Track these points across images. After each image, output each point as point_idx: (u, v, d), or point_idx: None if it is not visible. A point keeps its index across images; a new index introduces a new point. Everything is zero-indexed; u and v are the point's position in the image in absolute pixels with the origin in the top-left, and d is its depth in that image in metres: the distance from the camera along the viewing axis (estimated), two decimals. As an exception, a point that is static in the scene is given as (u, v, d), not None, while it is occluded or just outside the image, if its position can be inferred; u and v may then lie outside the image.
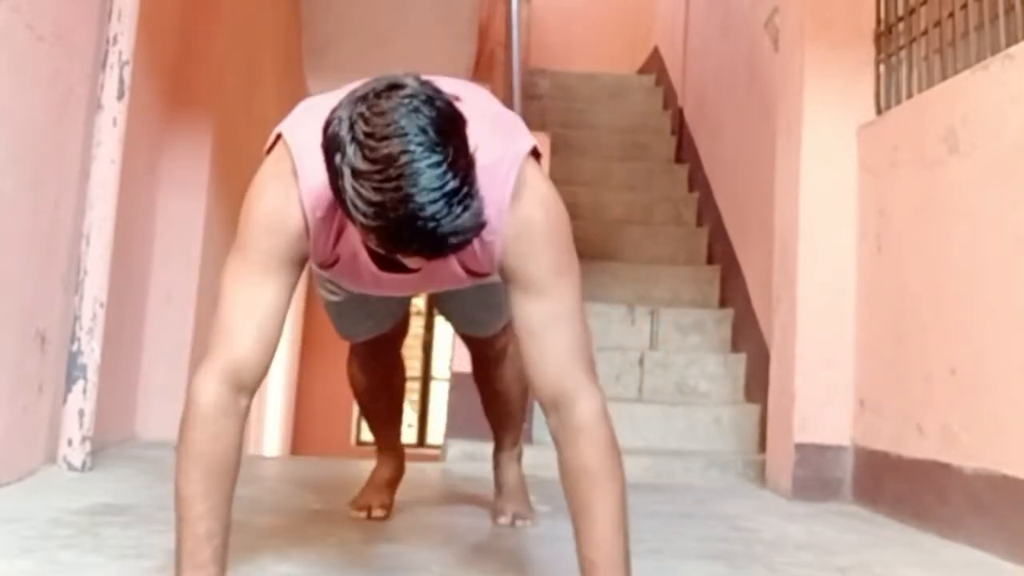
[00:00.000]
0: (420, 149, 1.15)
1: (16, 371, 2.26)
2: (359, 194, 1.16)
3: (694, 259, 4.72)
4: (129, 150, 2.70)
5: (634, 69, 7.10)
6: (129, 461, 2.80)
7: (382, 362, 2.18)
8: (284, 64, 5.84)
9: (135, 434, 3.39)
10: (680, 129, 5.61)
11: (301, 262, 1.45)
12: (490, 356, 2.16)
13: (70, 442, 2.50)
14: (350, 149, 1.17)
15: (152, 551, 1.71)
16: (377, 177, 1.15)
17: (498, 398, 2.23)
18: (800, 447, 2.85)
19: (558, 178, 4.07)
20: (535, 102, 5.88)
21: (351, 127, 1.17)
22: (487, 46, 5.83)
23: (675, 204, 5.09)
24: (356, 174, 1.16)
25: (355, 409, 8.71)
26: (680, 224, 5.00)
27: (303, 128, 1.41)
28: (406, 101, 1.18)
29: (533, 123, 4.72)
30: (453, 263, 1.49)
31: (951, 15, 2.56)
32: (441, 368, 9.75)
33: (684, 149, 5.48)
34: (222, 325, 1.40)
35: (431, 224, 1.16)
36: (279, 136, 1.46)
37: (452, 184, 1.16)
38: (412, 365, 10.30)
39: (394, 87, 1.20)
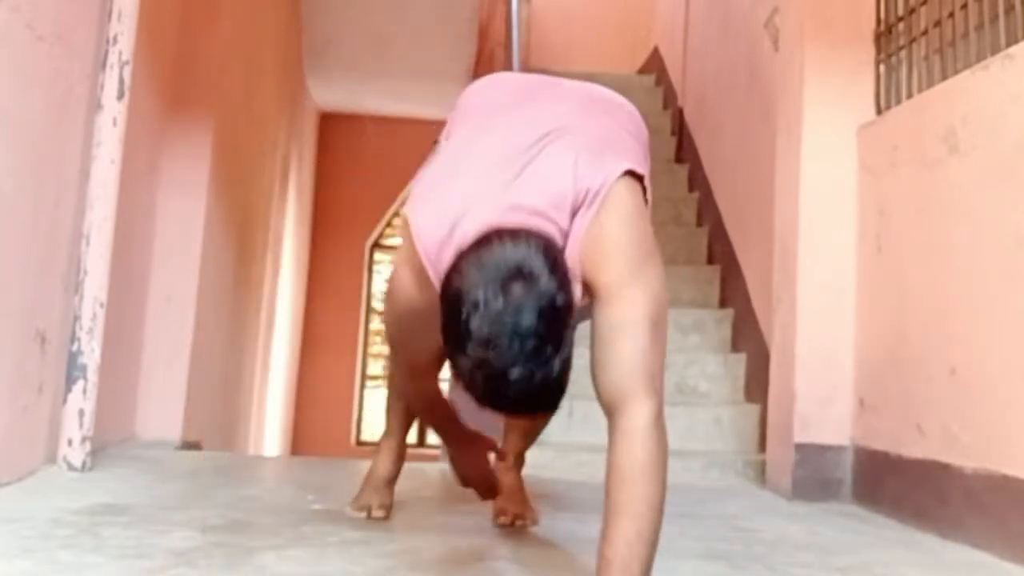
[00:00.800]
0: (517, 368, 1.32)
1: (16, 371, 2.26)
2: (463, 363, 1.35)
3: (694, 259, 4.72)
4: (129, 150, 2.70)
5: (634, 69, 7.10)
6: (129, 461, 2.80)
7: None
8: (284, 64, 5.84)
9: (135, 434, 3.39)
10: (680, 129, 5.61)
11: None
12: None
13: (70, 442, 2.50)
14: (467, 337, 1.33)
15: (152, 551, 1.71)
16: (483, 372, 1.33)
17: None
18: (800, 447, 2.85)
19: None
20: (535, 102, 5.87)
21: (468, 315, 1.32)
22: (487, 46, 5.83)
23: (675, 204, 5.08)
24: (467, 341, 1.33)
25: (355, 409, 8.71)
26: (680, 224, 5.00)
27: (424, 211, 1.56)
28: (515, 303, 1.32)
29: (533, 123, 4.74)
30: None
31: (951, 15, 2.56)
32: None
33: (684, 149, 5.48)
34: None
35: (521, 407, 1.37)
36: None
37: (540, 377, 1.32)
38: (412, 365, 10.28)
39: (509, 282, 1.33)
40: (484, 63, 5.75)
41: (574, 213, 1.49)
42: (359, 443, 8.69)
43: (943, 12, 2.60)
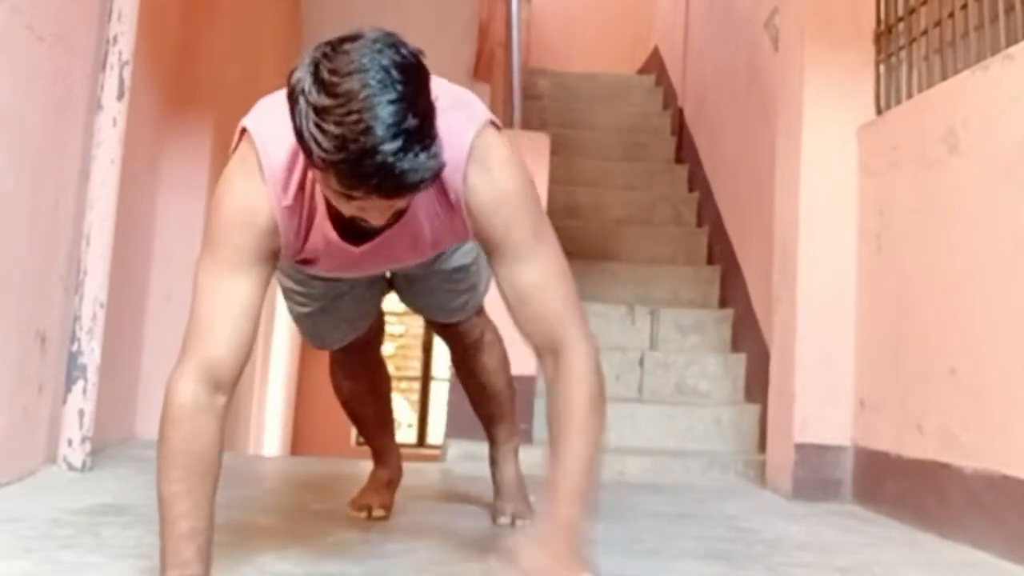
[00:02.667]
0: (380, 86, 1.20)
1: (16, 371, 2.26)
2: (321, 129, 1.20)
3: (694, 259, 4.72)
4: (129, 150, 2.70)
5: (634, 69, 7.10)
6: (129, 461, 2.80)
7: (365, 366, 2.18)
8: (284, 64, 5.83)
9: (135, 434, 3.38)
10: (680, 129, 5.61)
11: (273, 256, 1.48)
12: (467, 345, 2.16)
13: (70, 442, 2.50)
14: (312, 88, 1.21)
15: (152, 551, 1.70)
16: (339, 111, 1.19)
17: (484, 391, 2.22)
18: (800, 447, 2.85)
19: (558, 178, 4.10)
20: (535, 102, 5.88)
21: (314, 69, 1.22)
22: (487, 46, 5.83)
23: (675, 204, 5.08)
24: (318, 111, 1.20)
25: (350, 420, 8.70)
26: (680, 224, 5.00)
27: (264, 117, 1.46)
28: (370, 43, 1.23)
29: (533, 123, 4.75)
30: (423, 230, 1.53)
31: (951, 15, 2.56)
32: (441, 368, 9.75)
33: (684, 149, 5.48)
34: (196, 324, 1.43)
35: (390, 159, 1.19)
36: (243, 131, 1.49)
37: (411, 122, 1.20)
38: (412, 365, 10.31)
39: (359, 35, 1.25)
40: (484, 63, 5.75)
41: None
42: (359, 443, 8.68)
43: (943, 12, 2.60)
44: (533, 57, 6.86)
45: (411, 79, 1.23)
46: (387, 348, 4.20)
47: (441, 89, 1.40)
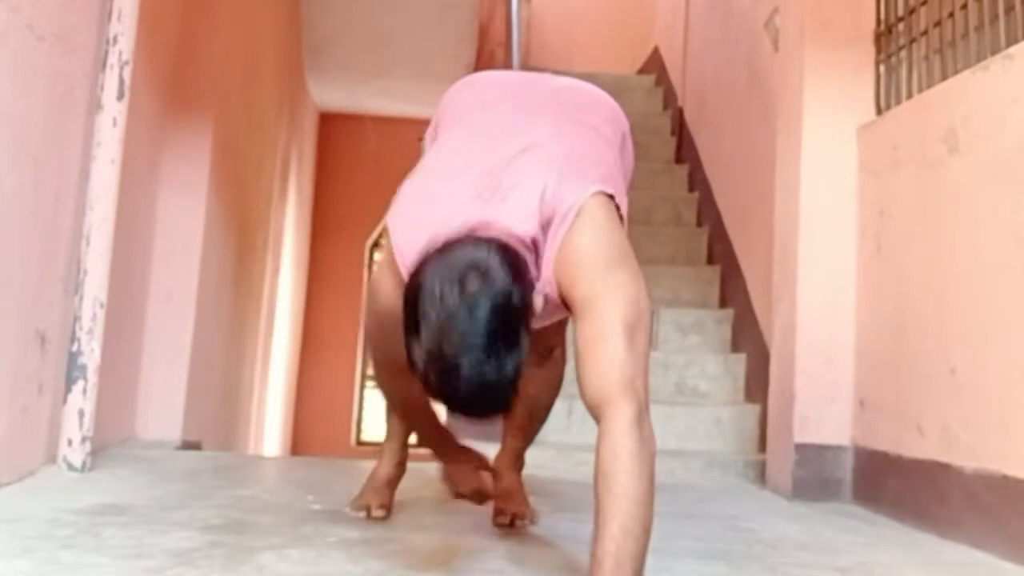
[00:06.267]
0: (468, 360, 1.37)
1: (16, 371, 2.26)
2: (424, 368, 1.41)
3: (694, 259, 4.72)
4: (129, 150, 2.70)
5: (634, 69, 7.09)
6: (129, 461, 2.80)
7: None
8: (284, 64, 5.84)
9: (135, 434, 3.38)
10: (680, 129, 5.61)
11: None
12: (538, 351, 2.14)
13: (70, 442, 2.50)
14: (423, 329, 1.40)
15: (152, 551, 1.71)
16: (436, 366, 1.40)
17: (525, 401, 2.21)
18: (800, 447, 2.85)
19: (558, 178, 4.08)
20: (535, 102, 5.86)
21: (424, 307, 1.40)
22: (487, 46, 5.83)
23: (675, 204, 5.08)
24: (419, 340, 1.41)
25: (355, 409, 8.71)
26: (680, 224, 5.00)
27: (403, 222, 1.66)
28: (469, 295, 1.38)
29: (533, 123, 4.73)
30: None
31: (951, 15, 2.56)
32: (441, 368, 9.74)
33: (684, 149, 5.48)
34: None
35: (473, 408, 1.44)
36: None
37: (491, 372, 1.38)
38: (412, 365, 10.29)
39: (466, 277, 1.40)
40: (484, 63, 5.75)
41: (545, 231, 1.56)
42: (359, 443, 8.69)
43: (943, 12, 2.60)
44: (533, 57, 6.86)
45: (499, 339, 1.40)
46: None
47: (559, 154, 1.64)
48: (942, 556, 2.15)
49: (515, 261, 1.45)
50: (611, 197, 1.64)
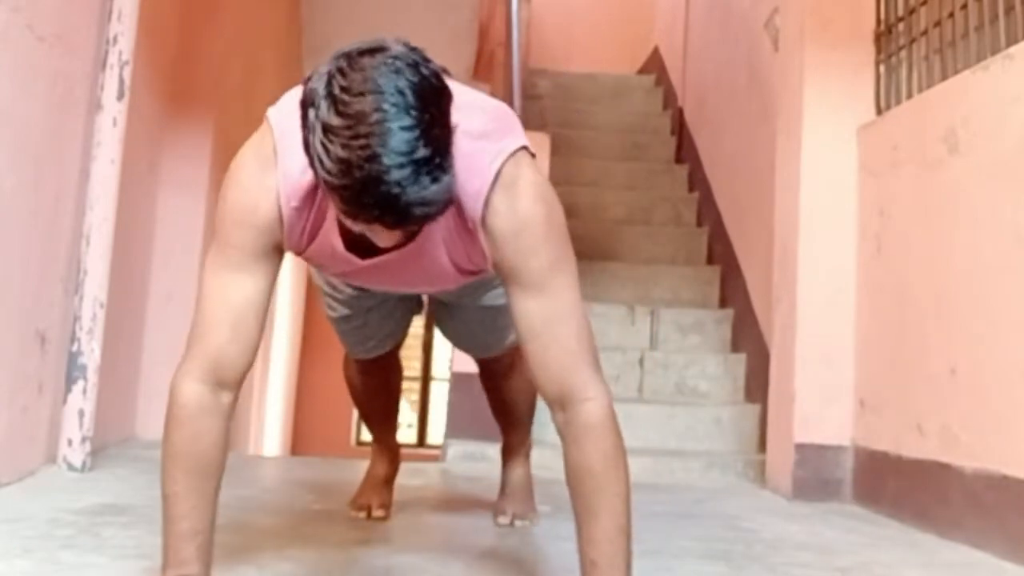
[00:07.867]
0: (394, 110, 1.12)
1: (16, 371, 2.26)
2: (327, 150, 1.13)
3: (694, 259, 4.72)
4: (129, 150, 2.70)
5: (634, 69, 7.10)
6: (129, 461, 2.80)
7: (380, 365, 2.18)
8: (284, 64, 5.83)
9: (135, 434, 3.38)
10: (680, 129, 5.61)
11: (278, 251, 1.43)
12: (497, 371, 2.16)
13: (70, 442, 2.50)
14: (324, 103, 1.14)
15: (152, 551, 1.70)
16: (346, 133, 1.12)
17: (504, 407, 2.23)
18: (800, 447, 2.85)
19: (558, 178, 4.09)
20: (535, 102, 5.88)
21: (328, 82, 1.15)
22: (487, 46, 5.83)
23: (675, 204, 5.08)
24: (326, 129, 1.13)
25: (355, 409, 8.71)
26: (680, 224, 5.00)
27: (289, 110, 1.33)
28: (389, 61, 1.15)
29: (533, 123, 4.74)
30: (439, 254, 1.44)
31: (951, 15, 2.56)
32: (441, 368, 9.75)
33: (684, 149, 5.48)
34: (200, 321, 1.40)
35: (395, 189, 1.12)
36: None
37: (423, 152, 1.12)
38: (412, 365, 10.29)
39: (380, 48, 1.17)
40: (484, 63, 5.75)
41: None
42: (359, 443, 8.70)
43: (943, 12, 2.60)
44: (533, 57, 6.86)
45: (429, 104, 1.14)
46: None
47: (477, 109, 1.35)
48: (942, 556, 2.15)
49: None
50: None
